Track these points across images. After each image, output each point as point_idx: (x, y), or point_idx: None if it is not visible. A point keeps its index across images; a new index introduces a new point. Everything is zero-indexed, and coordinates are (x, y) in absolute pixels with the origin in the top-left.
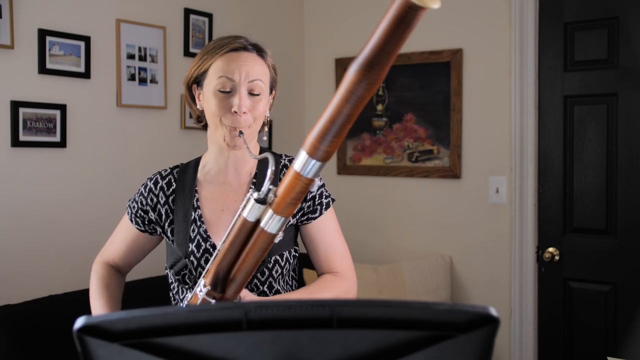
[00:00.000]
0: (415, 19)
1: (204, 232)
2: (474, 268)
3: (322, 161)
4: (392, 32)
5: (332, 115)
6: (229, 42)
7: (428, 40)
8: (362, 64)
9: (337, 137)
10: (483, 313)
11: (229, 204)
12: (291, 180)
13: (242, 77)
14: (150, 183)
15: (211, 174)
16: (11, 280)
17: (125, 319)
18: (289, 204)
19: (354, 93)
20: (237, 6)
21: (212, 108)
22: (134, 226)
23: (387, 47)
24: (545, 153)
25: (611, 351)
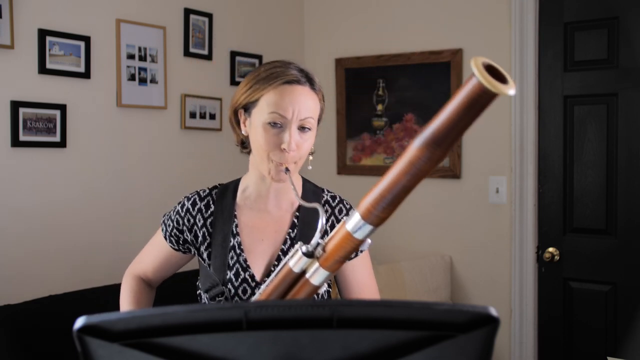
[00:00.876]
0: (488, 103)
1: (244, 262)
2: (474, 268)
3: (375, 225)
4: (462, 114)
5: (390, 184)
6: (282, 73)
7: (428, 40)
8: (428, 141)
9: (392, 205)
10: (483, 313)
11: (269, 233)
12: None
13: (294, 114)
14: (188, 203)
15: (251, 199)
16: (11, 280)
17: (125, 319)
18: (337, 261)
19: (416, 167)
20: (237, 6)
21: (261, 141)
22: (168, 244)
23: (456, 127)
24: (545, 153)
25: (611, 351)
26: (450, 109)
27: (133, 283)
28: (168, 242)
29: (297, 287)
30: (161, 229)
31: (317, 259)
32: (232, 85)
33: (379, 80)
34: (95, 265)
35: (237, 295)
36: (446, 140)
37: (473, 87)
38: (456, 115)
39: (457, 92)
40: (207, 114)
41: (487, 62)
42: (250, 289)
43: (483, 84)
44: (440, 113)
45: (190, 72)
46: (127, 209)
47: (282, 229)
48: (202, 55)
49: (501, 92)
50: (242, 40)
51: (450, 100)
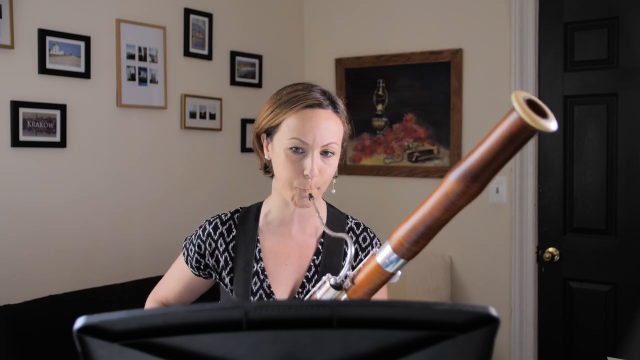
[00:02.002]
0: (528, 139)
1: (268, 288)
2: (474, 268)
3: (406, 259)
4: (502, 149)
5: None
6: (304, 97)
7: (428, 40)
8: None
9: (425, 239)
10: (483, 313)
11: (293, 259)
12: (371, 272)
13: (316, 139)
14: (209, 227)
15: (274, 224)
16: (11, 281)
17: (125, 319)
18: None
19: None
20: (237, 6)
21: (283, 167)
22: (189, 269)
23: (494, 162)
24: (545, 153)
25: (611, 351)
26: (489, 144)
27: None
28: (189, 267)
29: None
30: (183, 253)
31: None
32: (232, 85)
33: (379, 80)
34: (95, 265)
35: None
36: (483, 174)
37: (514, 122)
38: (495, 151)
39: (496, 127)
40: (207, 114)
41: (528, 97)
42: None
43: (524, 119)
44: (478, 147)
45: (190, 72)
46: (127, 209)
47: (306, 254)
48: (202, 55)
49: (542, 127)
50: (242, 40)
51: (489, 135)
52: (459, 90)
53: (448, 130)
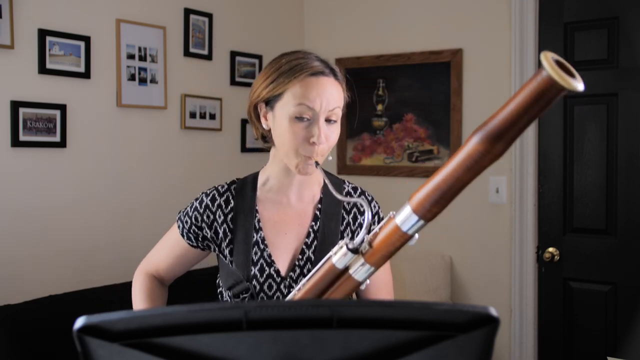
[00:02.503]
0: (555, 97)
1: (268, 257)
2: (474, 268)
3: (425, 220)
4: (528, 107)
5: (446, 178)
6: (306, 65)
7: (428, 40)
8: (490, 135)
9: (446, 199)
10: (483, 313)
11: (292, 227)
12: (390, 234)
13: (323, 106)
14: (206, 199)
15: (272, 193)
16: (11, 281)
17: (125, 319)
18: (383, 256)
19: (476, 162)
20: (237, 6)
21: (288, 135)
22: (185, 241)
23: (520, 121)
24: (545, 153)
25: (611, 351)
26: (516, 103)
27: (146, 280)
28: (186, 239)
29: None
30: (177, 225)
31: (363, 254)
32: (232, 85)
33: (379, 80)
34: (95, 265)
35: (263, 292)
36: (508, 134)
37: (542, 80)
38: (522, 109)
39: (524, 86)
40: (207, 114)
41: (556, 57)
42: (275, 285)
43: (553, 77)
44: (503, 107)
45: (190, 72)
46: (127, 209)
47: (304, 222)
48: (202, 55)
49: (570, 86)
50: (242, 40)
51: (516, 95)
52: (459, 90)
53: (448, 130)
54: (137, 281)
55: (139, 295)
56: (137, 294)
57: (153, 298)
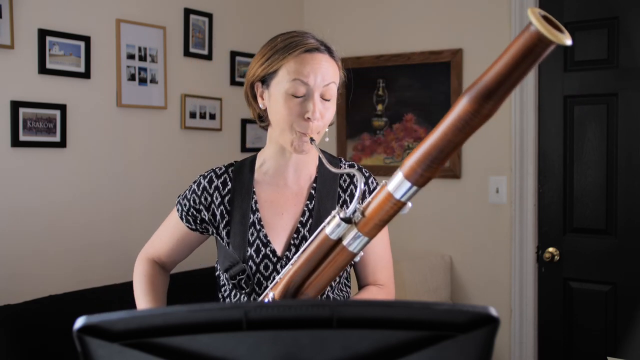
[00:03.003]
0: (543, 53)
1: (264, 237)
2: (474, 268)
3: (418, 186)
4: (517, 63)
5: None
6: (301, 42)
7: (428, 40)
8: (479, 94)
9: (438, 163)
10: (483, 313)
11: (288, 207)
12: (383, 201)
13: (317, 81)
14: (204, 181)
15: (269, 174)
16: (11, 281)
17: (125, 319)
18: (377, 225)
19: (467, 122)
20: (237, 6)
21: (283, 112)
22: (184, 224)
23: (509, 79)
24: (545, 153)
25: (611, 351)
26: (505, 60)
27: (147, 266)
28: (185, 222)
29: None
30: (176, 209)
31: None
32: (232, 85)
33: (379, 80)
34: (95, 265)
35: (259, 272)
36: (497, 92)
37: (530, 35)
38: (510, 66)
39: (512, 44)
40: (207, 114)
41: (544, 13)
42: (272, 265)
43: (540, 31)
44: (492, 65)
45: (190, 72)
46: (127, 209)
47: (300, 201)
48: (202, 55)
49: (559, 40)
50: (242, 40)
51: (505, 52)
52: (459, 90)
53: None
54: (138, 267)
55: (140, 281)
56: (138, 279)
57: (155, 283)
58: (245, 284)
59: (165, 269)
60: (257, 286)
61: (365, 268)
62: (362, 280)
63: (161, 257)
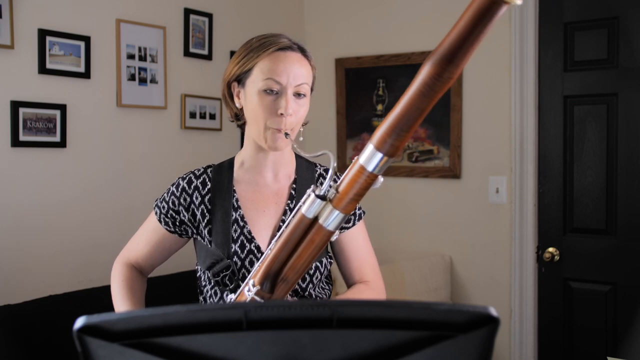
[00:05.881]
0: (496, 13)
1: (248, 233)
2: (474, 268)
3: (389, 156)
4: (473, 26)
5: (404, 109)
6: (275, 41)
7: (428, 40)
8: (440, 58)
9: (406, 131)
10: (483, 313)
11: (269, 205)
12: (355, 175)
13: (289, 79)
14: (183, 182)
15: (248, 173)
16: (11, 280)
17: (125, 319)
18: (351, 200)
19: (430, 87)
20: (237, 6)
21: (257, 109)
22: (163, 227)
23: (467, 41)
24: (545, 153)
25: (611, 351)
26: (462, 24)
27: (125, 271)
28: (163, 224)
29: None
30: (154, 212)
31: (330, 201)
32: None
33: (379, 80)
34: (95, 265)
35: (244, 267)
36: (457, 55)
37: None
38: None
39: (467, 8)
40: (207, 114)
41: None
42: (256, 260)
43: None
44: (451, 30)
45: (190, 72)
46: (127, 209)
47: (281, 200)
48: (202, 55)
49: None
50: (242, 40)
51: (462, 16)
52: (459, 90)
53: (448, 130)
54: (116, 272)
55: (118, 285)
56: (116, 284)
57: (133, 288)
58: (230, 280)
59: (143, 274)
60: (242, 282)
61: (349, 267)
62: (349, 279)
63: (139, 261)
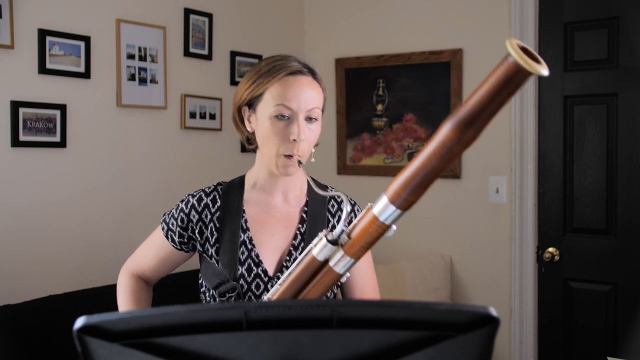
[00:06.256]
0: (523, 83)
1: (256, 257)
2: (474, 268)
3: (402, 210)
4: (496, 93)
5: (420, 166)
6: (284, 65)
7: (428, 40)
8: (461, 121)
9: (421, 188)
10: (483, 313)
11: (279, 229)
12: (368, 224)
13: (300, 104)
14: (193, 199)
15: (259, 194)
16: (11, 280)
17: (125, 319)
18: (362, 247)
19: (448, 149)
20: (237, 6)
21: (269, 135)
22: (169, 243)
23: (489, 108)
24: (545, 153)
25: (611, 351)
26: (484, 89)
27: (131, 282)
28: (170, 241)
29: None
30: (161, 227)
31: (342, 246)
32: (232, 85)
33: (379, 80)
34: (95, 265)
35: (250, 291)
36: (478, 120)
37: (508, 66)
38: (490, 95)
39: (491, 73)
40: (207, 114)
41: (521, 44)
42: (263, 284)
43: (519, 62)
44: (473, 94)
45: (190, 72)
46: (127, 209)
47: (291, 224)
48: (202, 55)
49: (535, 71)
50: (242, 40)
51: (485, 81)
52: (459, 90)
53: None
54: (122, 282)
55: (124, 296)
56: (122, 295)
57: (139, 299)
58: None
59: (148, 284)
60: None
61: (352, 291)
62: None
63: (145, 272)
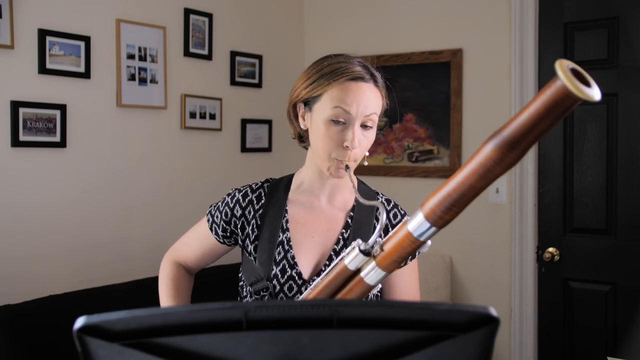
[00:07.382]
0: (571, 107)
1: (292, 258)
2: (474, 268)
3: (437, 227)
4: (543, 117)
5: (458, 185)
6: (347, 69)
7: (428, 40)
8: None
9: (457, 207)
10: (483, 313)
11: (320, 231)
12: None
13: (359, 110)
14: (238, 194)
15: (304, 195)
16: (11, 280)
17: (125, 319)
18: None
19: (488, 169)
20: (237, 6)
21: (323, 138)
22: (213, 235)
23: (534, 130)
24: (545, 153)
25: (611, 351)
26: (531, 111)
27: (174, 270)
28: (214, 233)
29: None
30: (207, 219)
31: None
32: (232, 85)
33: None
34: (95, 265)
35: (283, 292)
36: (522, 143)
37: (557, 89)
38: (536, 118)
39: (538, 95)
40: (207, 114)
41: (572, 65)
42: (296, 287)
43: (568, 87)
44: (518, 115)
45: (190, 72)
46: (127, 209)
47: (334, 228)
48: (202, 55)
49: (585, 96)
50: (242, 40)
51: (531, 103)
52: (459, 90)
53: (448, 130)
54: (164, 269)
55: (166, 283)
56: (164, 282)
57: (180, 287)
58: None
59: (190, 273)
60: None
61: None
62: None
63: (188, 262)
